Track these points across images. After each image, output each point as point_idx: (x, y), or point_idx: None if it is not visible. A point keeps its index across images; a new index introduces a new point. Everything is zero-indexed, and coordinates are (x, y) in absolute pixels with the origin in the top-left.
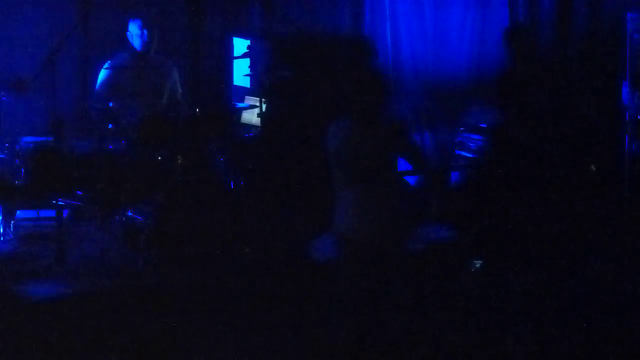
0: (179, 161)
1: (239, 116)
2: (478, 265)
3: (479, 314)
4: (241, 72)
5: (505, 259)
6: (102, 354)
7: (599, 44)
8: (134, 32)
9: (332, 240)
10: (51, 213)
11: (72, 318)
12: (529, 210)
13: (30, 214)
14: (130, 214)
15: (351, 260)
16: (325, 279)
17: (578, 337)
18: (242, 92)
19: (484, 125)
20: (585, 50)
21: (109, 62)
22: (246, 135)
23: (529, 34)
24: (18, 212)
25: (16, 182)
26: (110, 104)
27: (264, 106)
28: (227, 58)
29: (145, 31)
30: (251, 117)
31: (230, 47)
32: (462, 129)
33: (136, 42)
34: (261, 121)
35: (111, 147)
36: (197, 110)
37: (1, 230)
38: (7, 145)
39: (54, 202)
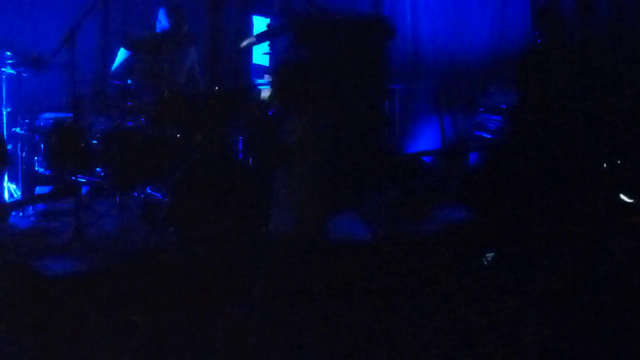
0: (198, 139)
1: (258, 94)
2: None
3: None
4: (260, 51)
5: (522, 241)
6: (118, 330)
7: (621, 26)
8: (162, 19)
9: (351, 219)
10: None
11: (90, 294)
12: (546, 193)
13: (49, 190)
14: (148, 191)
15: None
16: (342, 257)
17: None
18: (262, 70)
19: (504, 106)
20: (608, 32)
21: (129, 40)
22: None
23: (555, 16)
24: (37, 188)
25: (35, 158)
26: (129, 82)
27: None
28: (247, 36)
29: (169, 19)
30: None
31: (249, 25)
32: (482, 109)
33: (159, 27)
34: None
35: (130, 124)
36: (216, 88)
37: None
38: (27, 121)
39: (72, 178)
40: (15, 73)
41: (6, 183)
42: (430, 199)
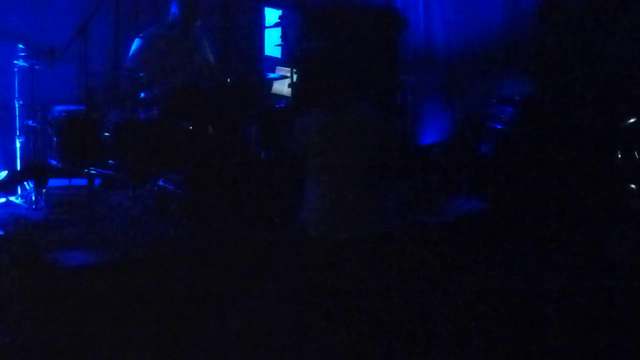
0: (210, 131)
1: (270, 86)
2: None
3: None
4: (272, 42)
5: (536, 232)
6: (132, 323)
7: (635, 15)
8: (175, 12)
9: None
10: (83, 182)
11: (103, 286)
12: (558, 184)
13: (62, 182)
14: (161, 183)
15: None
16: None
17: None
18: (274, 62)
19: (517, 98)
20: (622, 21)
21: (142, 32)
22: (277, 105)
23: (565, 6)
24: (50, 180)
25: (48, 150)
26: (142, 74)
27: (295, 77)
28: (259, 28)
29: (181, 11)
30: (282, 87)
31: (261, 16)
32: (494, 100)
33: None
34: (292, 92)
35: (143, 116)
36: (228, 80)
37: (33, 199)
38: (39, 114)
39: (85, 170)
40: (27, 66)
41: None
42: (442, 191)
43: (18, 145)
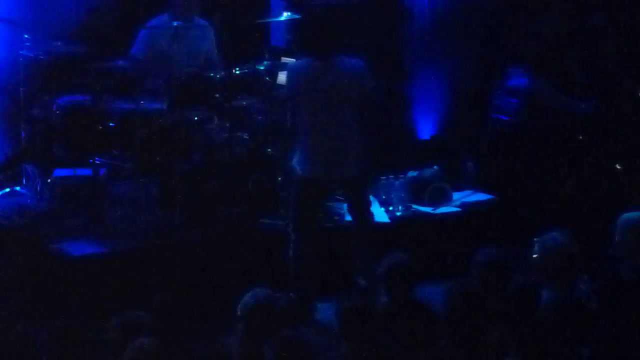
0: (215, 121)
1: (276, 77)
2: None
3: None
4: (278, 32)
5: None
6: (137, 312)
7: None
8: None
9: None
10: (87, 172)
11: (108, 275)
12: (564, 175)
13: (66, 172)
14: (166, 172)
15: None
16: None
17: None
18: (279, 52)
19: (522, 88)
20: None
21: (148, 22)
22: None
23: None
24: (55, 170)
25: (53, 140)
26: (147, 64)
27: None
28: (264, 17)
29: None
30: None
31: (267, 6)
32: (499, 91)
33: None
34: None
35: (147, 106)
36: (234, 71)
37: (38, 189)
38: (44, 103)
39: (90, 161)
40: (32, 55)
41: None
42: (447, 182)
43: (23, 135)
